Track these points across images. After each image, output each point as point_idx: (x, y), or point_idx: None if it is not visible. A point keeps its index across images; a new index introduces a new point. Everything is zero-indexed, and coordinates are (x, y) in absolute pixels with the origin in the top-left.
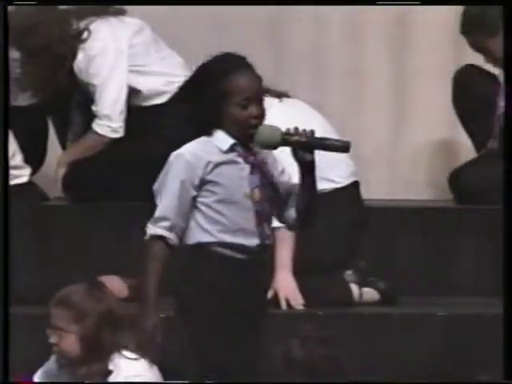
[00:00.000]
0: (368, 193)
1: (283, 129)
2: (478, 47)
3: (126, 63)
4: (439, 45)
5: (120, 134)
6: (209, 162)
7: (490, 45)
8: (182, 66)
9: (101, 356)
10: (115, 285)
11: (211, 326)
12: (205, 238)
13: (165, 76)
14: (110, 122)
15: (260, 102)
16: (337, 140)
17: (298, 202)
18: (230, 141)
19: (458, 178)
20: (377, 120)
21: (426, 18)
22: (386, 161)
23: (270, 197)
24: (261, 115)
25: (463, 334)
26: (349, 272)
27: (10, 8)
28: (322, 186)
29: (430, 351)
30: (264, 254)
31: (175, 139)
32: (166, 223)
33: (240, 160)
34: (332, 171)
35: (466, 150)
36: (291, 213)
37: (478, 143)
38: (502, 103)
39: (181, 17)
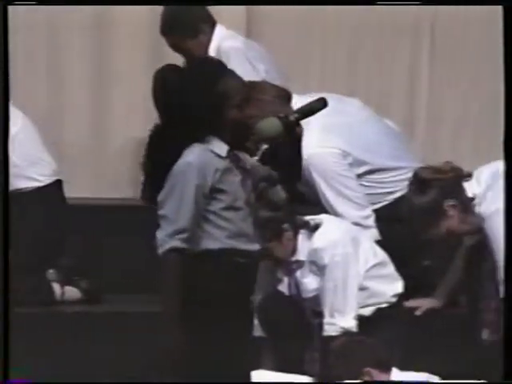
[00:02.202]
0: (73, 192)
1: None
2: (177, 48)
3: None
4: (140, 44)
5: None
6: (217, 169)
7: (189, 46)
8: None
9: None
10: None
11: (219, 330)
12: (214, 245)
13: None
14: None
15: (253, 102)
16: (314, 101)
17: (288, 179)
18: (225, 146)
19: None
20: (81, 119)
21: (127, 17)
22: (90, 160)
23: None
24: (255, 116)
25: None
26: (51, 271)
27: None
28: (22, 184)
29: (132, 348)
30: (261, 258)
31: None
32: (183, 235)
33: (232, 166)
34: (33, 169)
35: None
36: (280, 194)
37: None
38: None
39: None
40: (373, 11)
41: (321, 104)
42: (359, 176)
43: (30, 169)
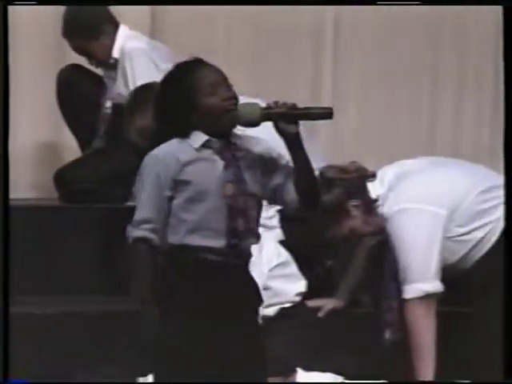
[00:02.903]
0: None
1: (263, 104)
2: (80, 50)
3: None
4: (43, 45)
5: None
6: (178, 160)
7: (93, 48)
8: None
9: None
10: None
11: (186, 329)
12: (174, 240)
13: None
14: None
15: (228, 87)
16: (319, 107)
17: (296, 181)
18: (204, 137)
19: (62, 178)
20: None
21: (31, 17)
22: None
23: (249, 192)
24: (232, 97)
25: (68, 331)
26: None
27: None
28: None
29: (31, 349)
30: (237, 256)
31: None
32: (148, 225)
33: (216, 157)
34: None
35: (72, 149)
36: (292, 195)
37: (83, 143)
38: (106, 104)
39: None
40: (275, 11)
41: (323, 114)
42: None
43: None
